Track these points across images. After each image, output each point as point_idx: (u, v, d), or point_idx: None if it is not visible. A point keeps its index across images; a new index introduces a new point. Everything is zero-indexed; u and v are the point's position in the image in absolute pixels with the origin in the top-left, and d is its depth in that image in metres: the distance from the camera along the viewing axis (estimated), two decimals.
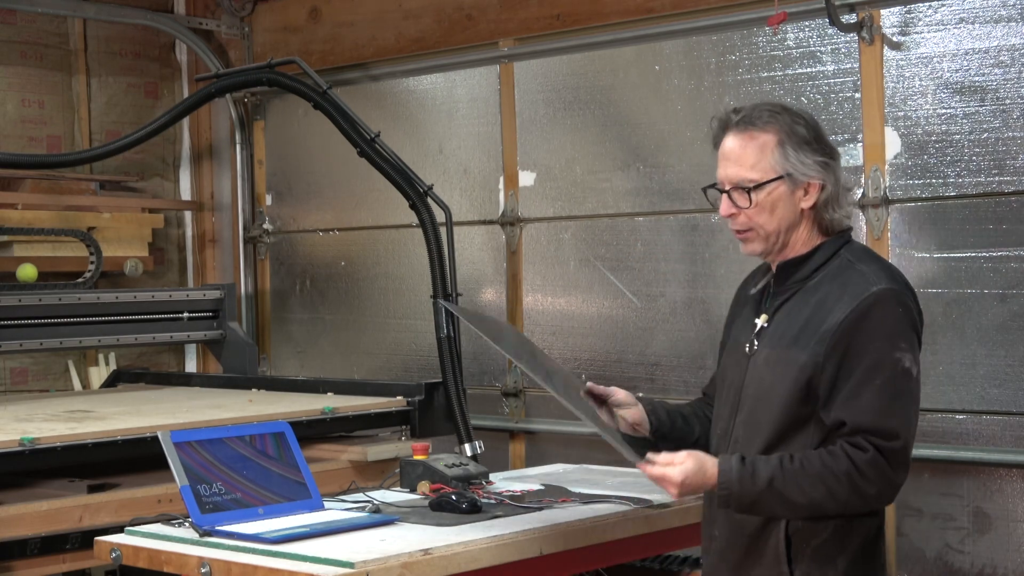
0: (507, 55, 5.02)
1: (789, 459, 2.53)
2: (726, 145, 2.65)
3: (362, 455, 4.10)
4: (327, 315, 5.69)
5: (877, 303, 2.53)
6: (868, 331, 2.52)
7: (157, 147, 5.94)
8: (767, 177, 2.60)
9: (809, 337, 2.56)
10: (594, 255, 4.79)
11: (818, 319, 2.56)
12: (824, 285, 2.61)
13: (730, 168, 2.63)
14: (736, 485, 2.53)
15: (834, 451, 2.51)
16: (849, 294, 2.55)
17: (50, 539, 3.44)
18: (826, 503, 2.51)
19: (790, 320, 2.62)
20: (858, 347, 2.51)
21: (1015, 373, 3.84)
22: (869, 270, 2.60)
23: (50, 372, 5.57)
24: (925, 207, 4.02)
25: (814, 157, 2.61)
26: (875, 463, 2.49)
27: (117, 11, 5.66)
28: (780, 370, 2.58)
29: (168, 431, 3.04)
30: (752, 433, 2.62)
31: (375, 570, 2.64)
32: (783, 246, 2.66)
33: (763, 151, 2.61)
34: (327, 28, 5.65)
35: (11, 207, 5.26)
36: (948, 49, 3.96)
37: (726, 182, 2.64)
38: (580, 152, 4.82)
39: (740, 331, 2.76)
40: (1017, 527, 3.85)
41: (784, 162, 2.60)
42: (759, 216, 2.62)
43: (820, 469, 2.50)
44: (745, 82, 4.36)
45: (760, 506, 2.54)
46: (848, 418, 2.50)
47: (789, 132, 2.61)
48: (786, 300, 2.65)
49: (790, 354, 2.57)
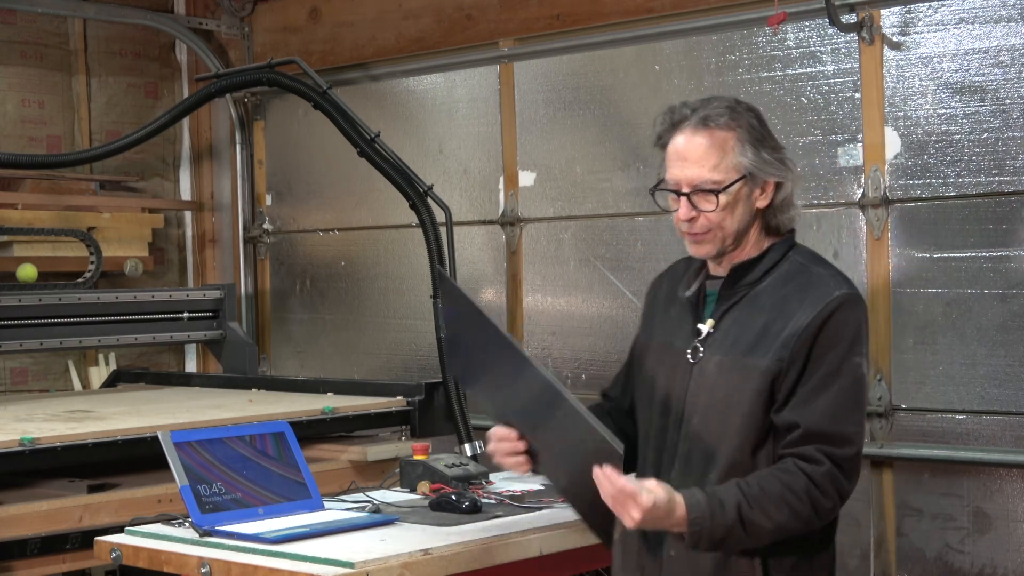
0: (507, 55, 5.02)
1: (747, 484, 2.40)
2: (682, 144, 2.51)
3: (362, 455, 4.10)
4: (327, 315, 5.69)
5: (840, 308, 2.46)
6: (830, 336, 2.44)
7: (157, 147, 5.94)
8: (731, 178, 2.49)
9: (770, 342, 2.46)
10: (594, 255, 4.79)
11: (779, 324, 2.46)
12: (777, 289, 2.52)
13: (690, 169, 2.50)
14: (708, 521, 2.36)
15: (789, 469, 2.41)
16: (812, 298, 2.47)
17: (50, 539, 3.44)
18: (790, 524, 2.40)
19: (742, 326, 2.51)
20: (820, 352, 2.44)
21: (1015, 373, 3.84)
22: (827, 274, 2.53)
23: (50, 372, 5.57)
24: (925, 207, 4.02)
25: (773, 154, 2.53)
26: (831, 475, 2.41)
27: (117, 11, 5.66)
28: (738, 378, 2.48)
29: (168, 431, 3.04)
30: (708, 445, 2.48)
31: (375, 570, 2.64)
32: (735, 248, 2.56)
33: (725, 150, 2.49)
34: (327, 28, 5.65)
35: (11, 207, 5.26)
36: (948, 49, 3.96)
37: (685, 184, 2.51)
38: (580, 152, 4.82)
39: (671, 335, 2.62)
40: (1017, 527, 3.85)
41: (746, 161, 2.49)
42: (720, 218, 2.50)
43: (780, 490, 2.39)
44: (745, 82, 4.36)
45: (730, 540, 2.39)
46: (801, 420, 2.42)
47: (748, 128, 2.51)
48: (734, 304, 2.54)
49: (748, 361, 2.47)
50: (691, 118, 2.51)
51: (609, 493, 2.33)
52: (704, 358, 2.53)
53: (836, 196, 4.18)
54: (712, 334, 2.54)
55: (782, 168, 2.53)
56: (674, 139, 2.53)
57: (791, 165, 2.56)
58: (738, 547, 2.43)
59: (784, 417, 2.44)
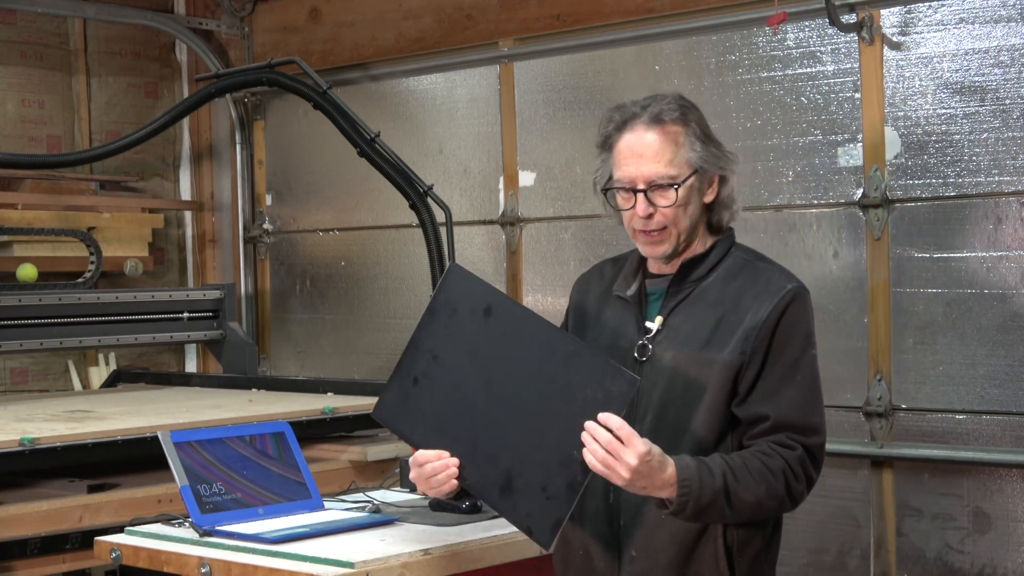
0: (507, 55, 5.02)
1: (730, 457, 2.42)
2: (636, 140, 2.52)
3: (362, 455, 4.10)
4: (327, 315, 5.69)
5: (794, 300, 2.49)
6: (787, 329, 2.48)
7: (157, 147, 5.94)
8: (684, 173, 2.50)
9: (726, 336, 2.48)
10: (594, 255, 4.79)
11: (733, 318, 2.49)
12: (725, 284, 2.54)
13: (646, 165, 2.50)
14: (696, 483, 2.35)
15: (765, 450, 2.43)
16: (767, 292, 2.49)
17: (50, 539, 3.44)
18: (768, 502, 2.42)
19: (694, 321, 2.52)
20: (779, 344, 2.47)
21: (1015, 373, 3.84)
22: (774, 268, 2.56)
23: (50, 372, 5.57)
24: (925, 207, 4.02)
25: (719, 149, 2.55)
26: (803, 461, 2.45)
27: (117, 11, 5.66)
28: (697, 372, 2.48)
29: (168, 431, 3.04)
30: (667, 442, 2.40)
31: (375, 570, 2.64)
32: (687, 245, 2.57)
33: (678, 145, 2.50)
34: (327, 28, 5.65)
35: (11, 207, 5.26)
36: (948, 49, 3.96)
37: (641, 180, 2.51)
38: (580, 152, 4.82)
39: (612, 334, 2.61)
40: (1017, 527, 3.85)
41: (695, 156, 2.51)
42: (675, 214, 2.52)
43: (760, 467, 2.42)
44: (745, 82, 4.36)
45: (713, 510, 2.38)
46: (771, 412, 2.44)
47: (697, 123, 2.53)
48: (681, 300, 2.55)
49: (706, 355, 2.48)
50: (642, 115, 2.53)
51: (603, 441, 2.29)
52: (655, 355, 2.53)
53: (836, 196, 4.18)
54: (661, 331, 2.55)
55: (729, 162, 2.56)
56: (624, 137, 2.54)
57: (734, 159, 2.58)
58: (717, 520, 2.43)
59: (752, 409, 2.47)
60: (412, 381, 2.68)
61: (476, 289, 2.65)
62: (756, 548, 2.51)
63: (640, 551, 2.50)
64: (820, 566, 4.18)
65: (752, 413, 2.47)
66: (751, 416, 2.47)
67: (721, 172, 2.56)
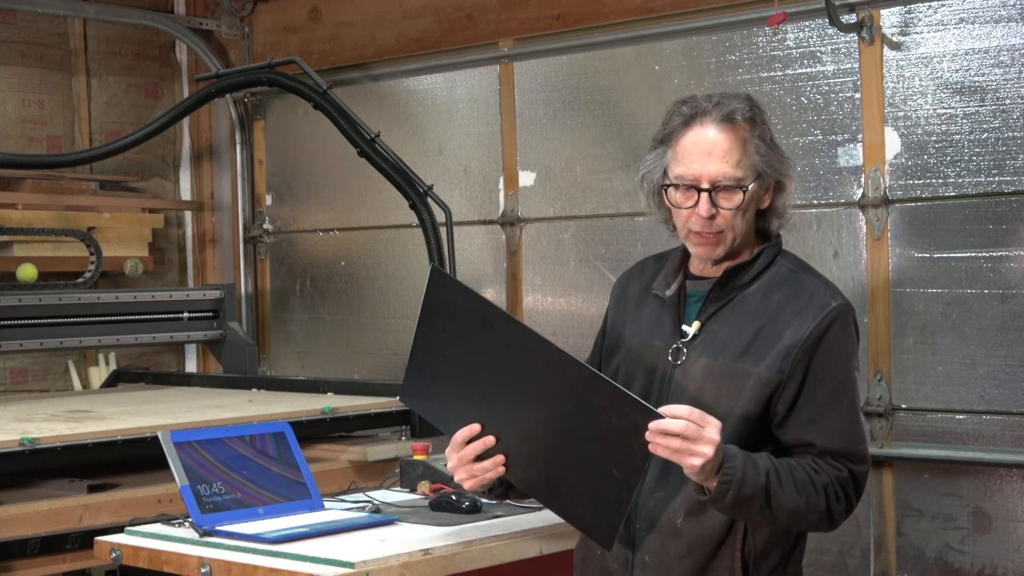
0: (507, 55, 5.02)
1: (776, 460, 2.36)
2: (704, 137, 2.43)
3: (362, 455, 4.10)
4: (327, 315, 5.69)
5: (837, 319, 2.42)
6: (831, 349, 2.41)
7: (157, 147, 5.94)
8: (750, 176, 2.43)
9: (764, 350, 2.41)
10: (594, 255, 4.79)
11: (773, 332, 2.42)
12: (768, 295, 2.47)
13: (713, 164, 2.41)
14: (740, 473, 2.28)
15: (812, 464, 2.39)
16: (809, 308, 2.43)
17: (50, 539, 3.44)
18: (807, 515, 2.37)
19: (731, 329, 2.45)
20: (821, 365, 2.40)
21: (1015, 373, 3.84)
22: (819, 282, 2.49)
23: (50, 372, 5.57)
24: (925, 207, 4.02)
25: (781, 154, 2.49)
26: (848, 484, 2.40)
27: (117, 11, 5.66)
28: (729, 383, 2.42)
29: (168, 431, 3.03)
30: None
31: (375, 570, 2.64)
32: (739, 250, 2.50)
33: (746, 147, 2.43)
34: (327, 28, 5.65)
35: (11, 207, 5.26)
36: (948, 49, 3.96)
37: (706, 179, 2.42)
38: (580, 152, 4.82)
39: (649, 334, 2.55)
40: (1017, 527, 3.85)
41: (759, 159, 2.44)
42: (736, 218, 2.44)
43: (805, 477, 2.36)
44: (745, 82, 4.36)
45: (751, 506, 2.32)
46: (817, 440, 2.39)
47: (763, 126, 2.46)
48: (721, 307, 2.48)
49: (740, 366, 2.41)
50: (713, 112, 2.44)
51: (678, 429, 2.22)
52: (689, 359, 2.47)
53: (836, 196, 4.18)
54: (697, 335, 2.49)
55: (789, 168, 2.50)
56: (691, 132, 2.45)
57: (793, 167, 2.53)
58: (754, 517, 2.36)
59: (796, 435, 2.41)
60: (430, 378, 2.64)
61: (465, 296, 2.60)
62: (773, 562, 2.46)
63: (654, 556, 2.46)
64: (820, 566, 4.18)
65: (797, 439, 2.41)
66: (795, 442, 2.42)
67: (779, 178, 2.49)
